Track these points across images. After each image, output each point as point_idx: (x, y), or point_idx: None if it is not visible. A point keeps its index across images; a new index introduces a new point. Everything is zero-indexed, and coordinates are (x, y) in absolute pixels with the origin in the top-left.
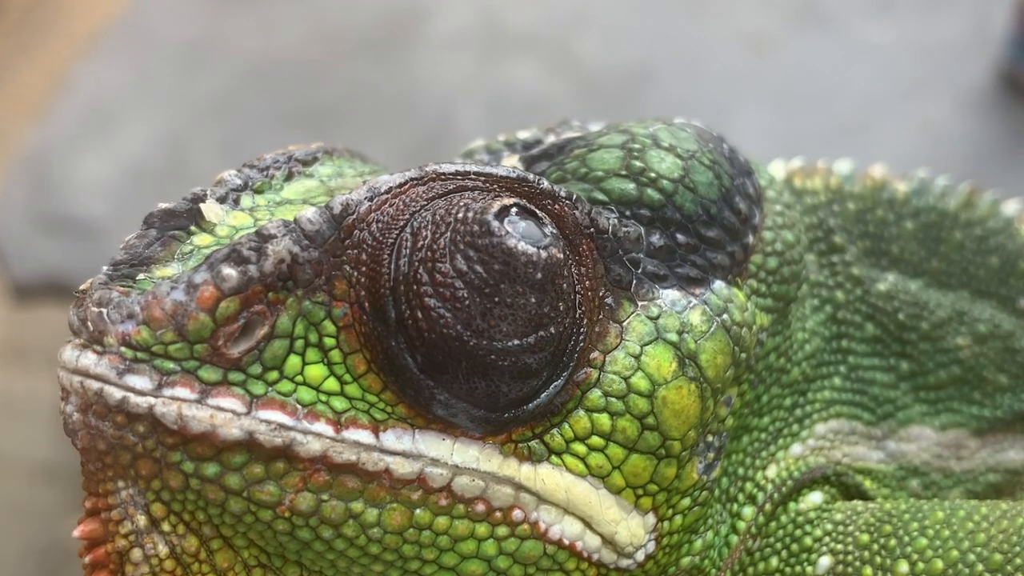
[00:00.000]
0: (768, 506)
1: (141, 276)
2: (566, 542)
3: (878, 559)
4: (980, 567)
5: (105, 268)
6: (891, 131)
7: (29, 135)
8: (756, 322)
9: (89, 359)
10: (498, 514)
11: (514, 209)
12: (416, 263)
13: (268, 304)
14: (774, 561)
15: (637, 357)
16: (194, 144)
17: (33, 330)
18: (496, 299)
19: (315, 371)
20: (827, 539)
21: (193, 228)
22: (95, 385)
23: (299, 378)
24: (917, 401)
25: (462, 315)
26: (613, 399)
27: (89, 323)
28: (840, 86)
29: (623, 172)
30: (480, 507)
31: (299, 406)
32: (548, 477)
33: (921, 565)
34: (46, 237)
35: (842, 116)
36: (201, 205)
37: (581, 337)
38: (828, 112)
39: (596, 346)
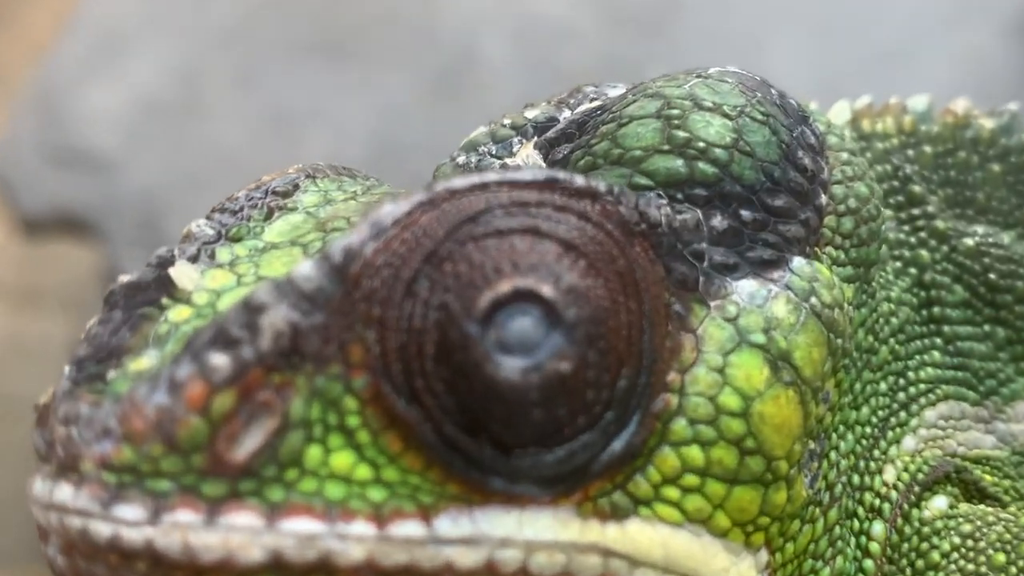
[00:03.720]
0: (900, 520)
1: (112, 374)
2: None
3: None
4: None
5: (67, 369)
6: (933, 60)
7: (38, 67)
8: (845, 297)
9: (65, 492)
10: None
11: (511, 299)
12: (411, 345)
13: (274, 389)
14: None
15: (721, 370)
16: (207, 74)
17: (44, 268)
18: (488, 417)
19: (342, 459)
20: (956, 556)
21: (165, 300)
22: (77, 522)
23: (324, 470)
24: (1019, 373)
25: (459, 421)
26: (702, 426)
27: (58, 447)
28: (879, 14)
29: (665, 147)
30: None
31: (330, 505)
32: (639, 534)
33: None
34: (56, 171)
35: (881, 46)
36: (170, 271)
37: (652, 365)
38: (867, 42)
39: (671, 366)
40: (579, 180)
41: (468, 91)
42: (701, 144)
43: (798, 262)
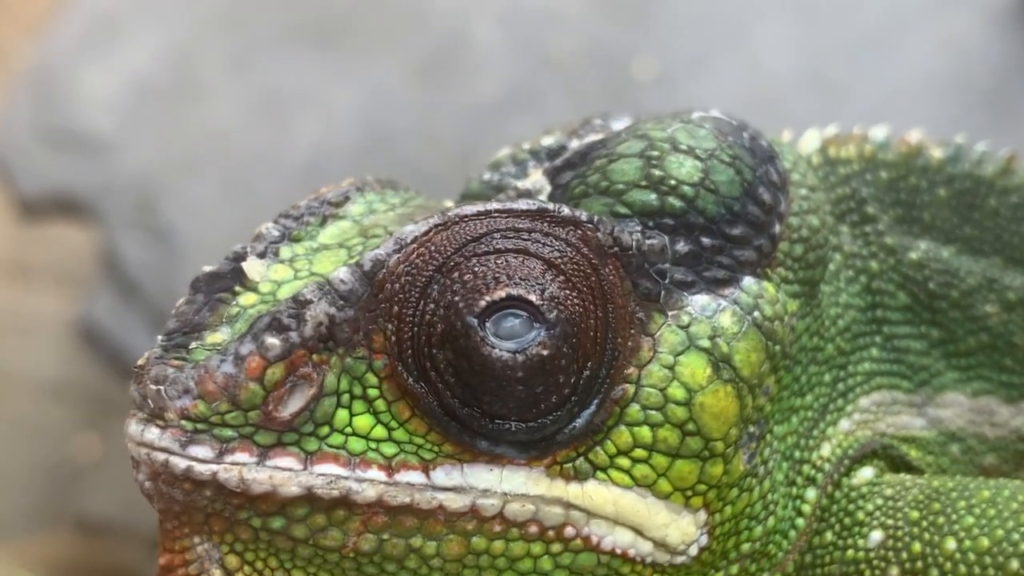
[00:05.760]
0: (830, 487)
1: (194, 345)
2: (618, 551)
3: (927, 535)
4: None
5: (160, 338)
6: (916, 46)
7: (34, 49)
8: (788, 311)
9: (153, 433)
10: (551, 533)
11: (504, 304)
12: (421, 335)
13: (313, 366)
14: (828, 535)
15: (671, 368)
16: (201, 58)
17: (40, 247)
18: (482, 390)
19: (363, 421)
20: (878, 513)
21: (237, 288)
22: (160, 457)
23: (348, 429)
24: (949, 368)
25: (457, 394)
26: (652, 411)
27: (149, 400)
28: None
29: (643, 183)
30: (533, 528)
31: (351, 456)
32: (595, 493)
33: (968, 543)
34: (53, 153)
35: (866, 30)
36: (243, 264)
37: (612, 361)
38: (851, 26)
39: (631, 362)
40: (565, 211)
41: (457, 76)
42: (673, 182)
43: (748, 281)
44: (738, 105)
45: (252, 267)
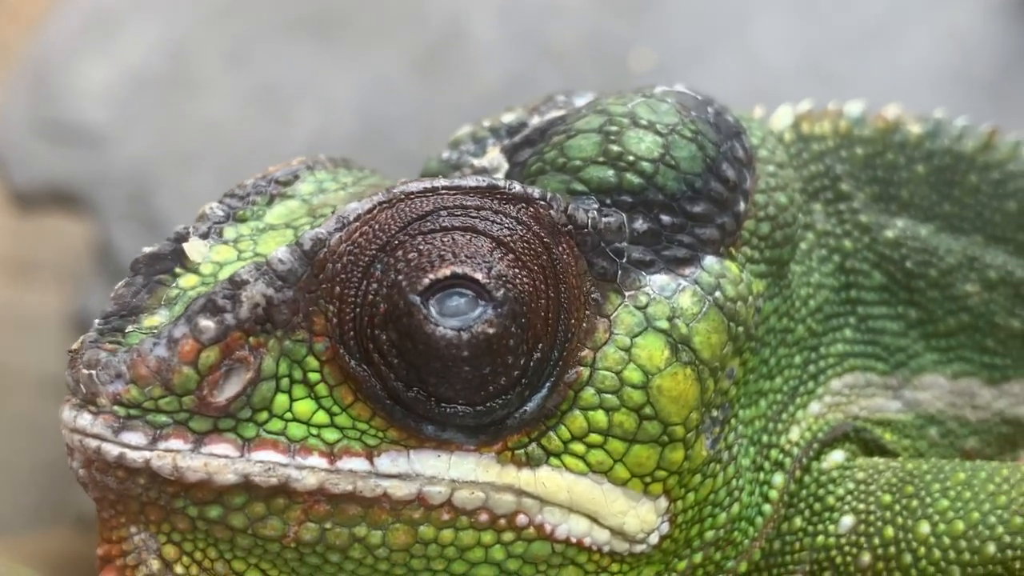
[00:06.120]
0: (799, 472)
1: (130, 328)
2: (573, 540)
3: (900, 519)
4: (1000, 529)
5: (97, 322)
6: (916, 37)
7: (31, 43)
8: (752, 291)
9: (85, 419)
10: (502, 521)
11: (449, 282)
12: (364, 316)
13: (250, 349)
14: (798, 521)
15: (628, 350)
16: (198, 50)
17: (37, 241)
18: (427, 371)
19: (303, 406)
20: (849, 498)
21: (178, 269)
22: (93, 443)
23: (288, 415)
24: (928, 349)
25: (402, 376)
26: (607, 395)
27: (82, 385)
28: None
29: (601, 159)
30: (483, 517)
31: (291, 442)
32: (548, 480)
33: (942, 526)
34: (49, 145)
35: (865, 22)
36: (184, 245)
37: (565, 343)
38: (851, 17)
39: (585, 344)
40: (516, 188)
41: (455, 67)
42: (631, 157)
43: (709, 260)
44: (736, 97)
45: (193, 248)
